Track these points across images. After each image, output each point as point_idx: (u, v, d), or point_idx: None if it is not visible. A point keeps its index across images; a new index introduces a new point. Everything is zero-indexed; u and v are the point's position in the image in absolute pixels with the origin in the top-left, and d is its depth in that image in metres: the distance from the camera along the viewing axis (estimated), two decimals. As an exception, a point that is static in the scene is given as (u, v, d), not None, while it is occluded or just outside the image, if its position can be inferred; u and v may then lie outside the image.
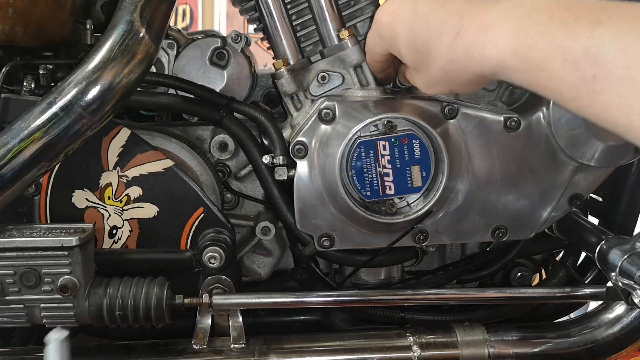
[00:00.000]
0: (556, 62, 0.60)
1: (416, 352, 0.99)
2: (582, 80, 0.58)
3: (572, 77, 0.59)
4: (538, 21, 0.63)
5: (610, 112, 0.57)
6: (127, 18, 0.86)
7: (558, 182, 0.93)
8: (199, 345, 0.96)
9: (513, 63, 0.65)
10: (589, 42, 0.57)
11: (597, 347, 1.03)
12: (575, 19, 0.59)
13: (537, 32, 0.62)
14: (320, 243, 0.94)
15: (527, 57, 0.63)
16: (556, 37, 0.60)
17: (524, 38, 0.63)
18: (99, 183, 0.98)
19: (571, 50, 0.58)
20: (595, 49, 0.56)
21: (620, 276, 0.87)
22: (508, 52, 0.65)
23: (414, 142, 0.89)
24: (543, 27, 0.62)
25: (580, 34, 0.58)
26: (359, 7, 0.96)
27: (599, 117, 0.59)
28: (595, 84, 0.57)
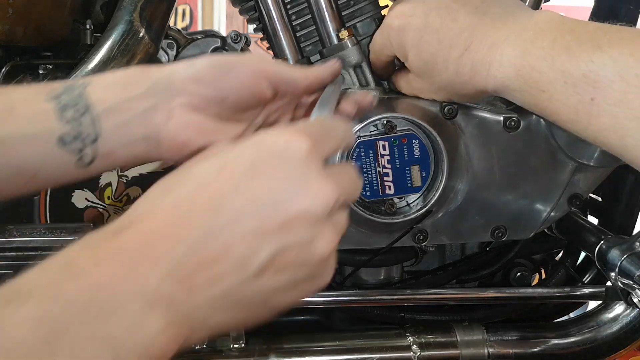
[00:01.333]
0: (557, 84, 0.61)
1: (416, 352, 1.00)
2: (580, 103, 0.59)
3: (571, 100, 0.60)
4: (541, 45, 0.64)
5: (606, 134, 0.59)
6: (126, 18, 0.86)
7: (557, 182, 0.93)
8: (198, 345, 0.96)
9: (516, 84, 0.66)
10: (588, 66, 0.58)
11: (597, 346, 1.03)
12: (577, 43, 0.61)
13: (540, 56, 0.63)
14: (319, 243, 0.93)
15: (530, 78, 0.64)
16: (557, 61, 0.62)
17: (528, 60, 0.65)
18: (99, 183, 0.98)
19: (571, 74, 0.60)
20: (595, 73, 0.58)
21: (620, 276, 0.87)
22: (512, 72, 0.66)
23: (413, 142, 0.90)
24: (546, 51, 0.63)
25: (581, 58, 0.59)
26: (359, 7, 0.96)
27: (596, 139, 0.61)
28: (593, 107, 0.58)
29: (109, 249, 0.42)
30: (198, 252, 0.42)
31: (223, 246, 0.42)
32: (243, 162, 0.45)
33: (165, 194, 0.46)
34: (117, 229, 0.44)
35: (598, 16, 1.18)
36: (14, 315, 0.35)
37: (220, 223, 0.43)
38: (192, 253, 0.42)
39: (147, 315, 0.39)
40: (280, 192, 0.44)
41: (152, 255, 0.41)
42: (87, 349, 0.36)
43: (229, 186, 0.44)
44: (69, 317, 0.36)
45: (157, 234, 0.42)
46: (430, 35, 0.74)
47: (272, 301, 0.46)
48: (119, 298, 0.39)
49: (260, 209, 0.43)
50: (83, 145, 0.56)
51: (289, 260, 0.45)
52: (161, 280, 0.40)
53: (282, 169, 0.45)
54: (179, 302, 0.41)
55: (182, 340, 0.42)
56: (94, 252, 0.41)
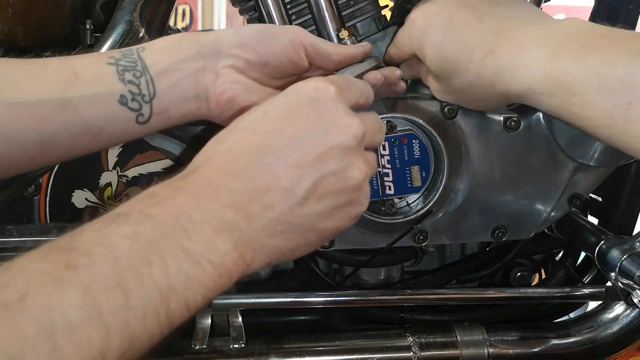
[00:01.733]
0: (590, 87, 0.60)
1: (416, 352, 0.99)
2: (615, 107, 0.58)
3: (606, 104, 0.59)
4: (573, 47, 0.62)
5: None
6: (126, 18, 0.86)
7: (557, 182, 0.93)
8: (198, 346, 0.96)
9: (544, 87, 0.64)
10: (626, 70, 0.57)
11: (597, 346, 1.03)
12: (611, 47, 0.59)
13: (572, 58, 0.61)
14: (319, 243, 0.93)
15: (560, 81, 0.62)
16: (592, 64, 0.60)
17: (559, 62, 0.62)
18: (99, 183, 0.98)
19: (607, 77, 0.58)
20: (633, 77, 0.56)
21: (620, 276, 0.87)
22: (540, 75, 0.64)
23: (413, 142, 0.90)
24: (578, 54, 0.61)
25: (617, 62, 0.57)
26: (359, 7, 0.96)
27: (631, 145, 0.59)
28: (630, 111, 0.57)
29: (180, 186, 0.49)
30: (251, 184, 0.50)
31: (271, 178, 0.51)
32: (281, 108, 0.54)
33: (219, 143, 0.54)
34: (184, 174, 0.51)
35: (598, 16, 1.18)
36: (116, 231, 0.43)
37: (267, 159, 0.51)
38: (246, 186, 0.50)
39: (217, 239, 0.47)
40: (315, 130, 0.52)
41: (214, 189, 0.49)
42: (174, 259, 0.44)
43: (271, 129, 0.52)
44: (157, 234, 0.44)
45: (217, 173, 0.50)
46: (454, 34, 0.72)
47: (319, 226, 0.53)
48: (195, 222, 0.46)
49: (299, 145, 0.52)
50: (141, 104, 0.62)
51: (328, 187, 0.53)
52: (224, 210, 0.48)
53: (314, 111, 0.53)
54: (240, 229, 0.49)
55: (245, 264, 0.49)
56: (170, 188, 0.49)
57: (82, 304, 0.38)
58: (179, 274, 0.44)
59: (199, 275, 0.45)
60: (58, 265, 0.40)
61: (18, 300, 0.36)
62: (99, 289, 0.39)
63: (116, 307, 0.39)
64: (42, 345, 0.35)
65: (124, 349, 0.39)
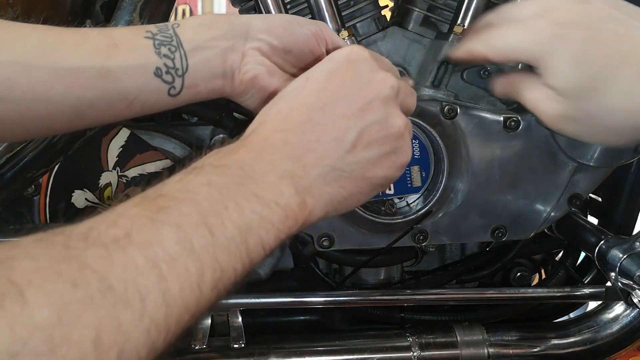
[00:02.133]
0: None
1: (416, 352, 0.99)
2: None
3: None
4: None
5: None
6: (126, 18, 0.86)
7: (557, 182, 0.93)
8: (198, 346, 0.96)
9: None
10: None
11: (597, 347, 1.03)
12: None
13: None
14: (319, 243, 0.94)
15: None
16: None
17: None
18: (99, 183, 0.98)
19: None
20: None
21: (620, 276, 0.87)
22: None
23: (413, 142, 0.90)
24: None
25: None
26: (359, 7, 0.96)
27: None
28: None
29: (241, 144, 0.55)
30: (303, 137, 0.56)
31: (321, 130, 0.56)
32: (322, 72, 0.60)
33: (269, 108, 0.59)
34: (243, 137, 0.57)
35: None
36: (194, 180, 0.48)
37: (315, 114, 0.57)
38: (300, 139, 0.55)
39: (280, 185, 0.52)
40: (354, 86, 0.58)
41: (271, 144, 0.55)
42: (247, 202, 0.49)
43: (315, 89, 0.59)
44: (229, 181, 0.49)
45: (272, 130, 0.56)
46: (598, 47, 0.63)
47: (368, 174, 0.59)
48: (259, 172, 0.52)
49: (342, 100, 0.57)
50: (174, 77, 0.66)
51: (373, 134, 0.58)
52: (282, 161, 0.54)
53: (351, 70, 0.59)
54: (298, 177, 0.54)
55: (308, 209, 0.54)
56: (234, 145, 0.55)
57: (177, 239, 0.42)
58: (252, 214, 0.49)
59: (270, 216, 0.50)
60: (151, 209, 0.44)
61: (125, 236, 0.40)
62: (189, 227, 0.44)
63: (205, 243, 0.44)
64: (150, 272, 0.40)
65: (215, 281, 0.44)
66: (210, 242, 0.45)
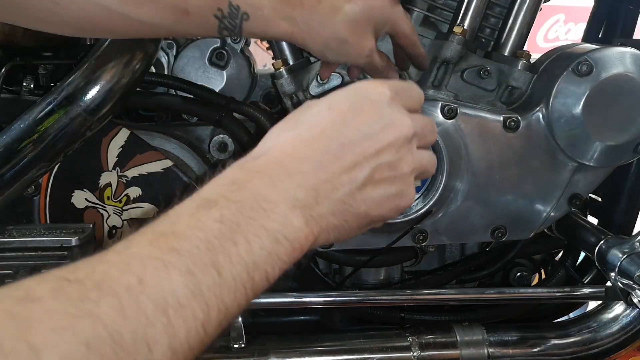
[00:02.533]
0: None
1: (416, 352, 0.99)
2: None
3: None
4: None
5: None
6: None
7: (557, 182, 0.93)
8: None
9: None
10: None
11: (596, 347, 1.03)
12: None
13: None
14: (319, 243, 0.93)
15: None
16: None
17: None
18: (99, 183, 0.98)
19: None
20: None
21: (620, 276, 0.87)
22: None
23: (413, 142, 0.89)
24: None
25: None
26: (359, 7, 0.96)
27: None
28: None
29: (253, 168, 0.55)
30: (319, 168, 0.56)
31: (337, 165, 0.57)
32: (345, 103, 0.60)
33: (285, 130, 0.60)
34: (254, 156, 0.57)
35: (598, 16, 1.19)
36: (207, 215, 0.49)
37: (334, 147, 0.57)
38: (316, 169, 0.56)
39: (291, 216, 0.53)
40: (375, 126, 0.59)
41: (287, 171, 0.55)
42: (256, 237, 0.50)
43: (338, 121, 0.59)
44: (241, 217, 0.50)
45: (288, 156, 0.56)
46: None
47: (372, 212, 0.60)
48: (271, 202, 0.52)
49: (362, 139, 0.58)
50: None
51: (382, 175, 0.60)
52: (296, 190, 0.54)
53: (374, 110, 0.60)
54: (309, 206, 0.55)
55: (314, 238, 0.55)
56: (247, 171, 0.55)
57: (186, 283, 0.44)
58: (261, 250, 0.49)
59: (278, 251, 0.51)
60: (163, 249, 0.45)
61: (138, 283, 0.41)
62: (198, 269, 0.45)
63: (212, 284, 0.45)
64: (159, 321, 0.41)
65: (219, 320, 0.46)
66: (217, 283, 0.46)
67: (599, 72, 0.89)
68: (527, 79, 0.95)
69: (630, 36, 1.14)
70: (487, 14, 0.97)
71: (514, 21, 0.94)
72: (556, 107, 0.90)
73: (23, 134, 0.83)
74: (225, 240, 0.48)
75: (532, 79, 0.95)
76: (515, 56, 0.95)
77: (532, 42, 3.85)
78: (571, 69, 0.89)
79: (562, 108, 0.90)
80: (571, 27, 4.36)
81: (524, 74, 0.94)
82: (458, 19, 0.92)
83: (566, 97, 0.90)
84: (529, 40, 0.98)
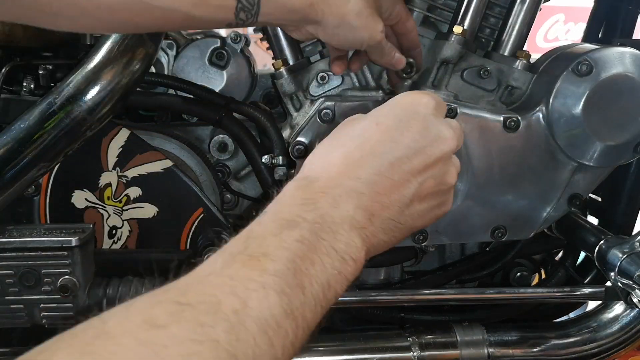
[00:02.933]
0: None
1: (416, 352, 0.99)
2: None
3: None
4: None
5: None
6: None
7: (557, 182, 0.93)
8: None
9: None
10: None
11: (596, 346, 1.03)
12: None
13: None
14: (319, 243, 0.93)
15: None
16: None
17: None
18: (99, 183, 0.98)
19: None
20: None
21: (619, 276, 0.87)
22: None
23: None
24: None
25: None
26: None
27: None
28: None
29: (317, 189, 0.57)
30: (373, 189, 0.58)
31: (388, 184, 0.59)
32: (392, 118, 0.62)
33: (333, 150, 0.61)
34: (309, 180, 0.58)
35: (598, 16, 1.19)
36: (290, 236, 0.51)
37: (385, 166, 0.59)
38: (370, 189, 0.58)
39: (352, 236, 0.55)
40: (422, 141, 0.61)
41: (346, 192, 0.57)
42: (328, 257, 0.52)
43: (386, 138, 0.60)
44: (315, 237, 0.52)
45: (344, 176, 0.58)
46: None
47: (416, 224, 0.62)
48: (336, 223, 0.54)
49: (411, 156, 0.60)
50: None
51: (428, 189, 0.61)
52: (355, 211, 0.56)
53: (420, 123, 0.61)
54: (364, 227, 0.57)
55: (366, 256, 0.57)
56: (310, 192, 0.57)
57: (281, 303, 0.46)
58: (332, 270, 0.52)
59: (345, 270, 0.54)
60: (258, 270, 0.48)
61: (243, 307, 0.44)
62: (289, 290, 0.48)
63: (299, 304, 0.48)
64: (262, 341, 0.44)
65: (303, 338, 0.49)
66: (302, 302, 0.49)
67: (598, 72, 0.89)
68: (527, 79, 0.95)
69: (630, 36, 1.14)
70: (487, 14, 0.97)
71: (514, 21, 0.94)
72: (556, 107, 0.90)
73: (23, 134, 0.83)
74: (305, 260, 0.51)
75: (532, 79, 0.95)
76: (515, 56, 0.95)
77: (532, 42, 3.85)
78: (571, 69, 0.89)
79: (562, 108, 0.90)
80: (571, 27, 4.37)
81: (523, 74, 0.94)
82: (458, 19, 0.92)
83: (566, 97, 0.90)
84: (529, 40, 0.98)
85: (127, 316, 0.41)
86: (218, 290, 0.45)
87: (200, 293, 0.44)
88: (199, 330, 0.41)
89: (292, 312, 0.47)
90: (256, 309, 0.45)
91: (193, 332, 0.41)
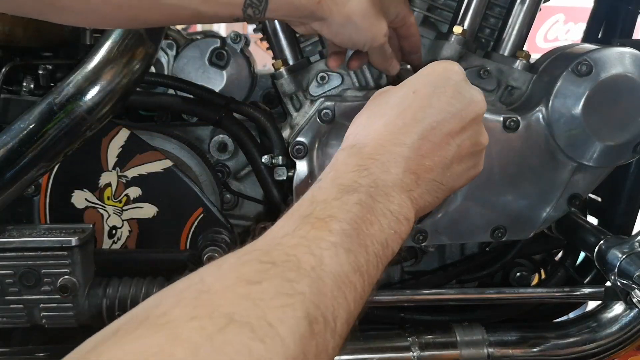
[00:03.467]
0: None
1: (415, 352, 0.99)
2: None
3: None
4: None
5: None
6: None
7: (557, 182, 0.93)
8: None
9: None
10: None
11: (596, 346, 1.03)
12: None
13: None
14: (319, 243, 0.93)
15: None
16: None
17: None
18: (99, 183, 0.98)
19: None
20: None
21: (619, 276, 0.87)
22: None
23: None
24: None
25: None
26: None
27: None
28: None
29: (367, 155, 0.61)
30: (417, 153, 0.61)
31: (430, 146, 0.62)
32: (428, 86, 0.65)
33: (375, 119, 0.65)
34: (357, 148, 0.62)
35: (598, 16, 1.19)
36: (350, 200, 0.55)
37: (426, 130, 0.62)
38: (415, 153, 0.61)
39: (403, 198, 0.59)
40: (458, 105, 0.64)
41: (394, 157, 0.60)
42: (385, 218, 0.56)
43: (425, 104, 0.64)
44: (371, 200, 0.56)
45: (390, 142, 0.61)
46: None
47: (455, 184, 0.66)
48: (388, 186, 0.58)
49: (449, 119, 0.63)
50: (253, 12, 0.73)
51: (466, 150, 0.65)
52: (404, 174, 0.60)
53: (454, 89, 0.65)
54: (412, 189, 0.60)
55: (415, 217, 0.61)
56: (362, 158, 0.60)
57: (349, 261, 0.50)
58: (389, 230, 0.56)
59: (400, 230, 0.57)
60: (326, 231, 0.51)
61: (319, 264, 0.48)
62: (355, 248, 0.52)
63: (364, 261, 0.52)
64: (338, 294, 0.48)
65: (369, 292, 0.53)
66: (366, 260, 0.52)
67: (598, 72, 0.89)
68: (526, 79, 0.95)
69: (629, 36, 1.15)
70: (487, 14, 0.97)
71: (514, 21, 0.95)
72: (556, 107, 0.90)
73: (23, 134, 0.83)
74: (365, 221, 0.54)
75: (532, 79, 0.95)
76: (515, 56, 0.95)
77: (532, 42, 3.85)
78: (571, 69, 0.89)
79: (562, 108, 0.90)
80: (571, 27, 4.37)
81: (523, 74, 0.95)
82: (458, 19, 0.92)
83: (566, 97, 0.90)
84: (529, 41, 0.98)
85: (221, 275, 0.45)
86: (296, 249, 0.48)
87: (281, 253, 0.48)
88: (287, 285, 0.44)
89: (359, 268, 0.51)
90: (330, 265, 0.48)
91: (282, 287, 0.44)
